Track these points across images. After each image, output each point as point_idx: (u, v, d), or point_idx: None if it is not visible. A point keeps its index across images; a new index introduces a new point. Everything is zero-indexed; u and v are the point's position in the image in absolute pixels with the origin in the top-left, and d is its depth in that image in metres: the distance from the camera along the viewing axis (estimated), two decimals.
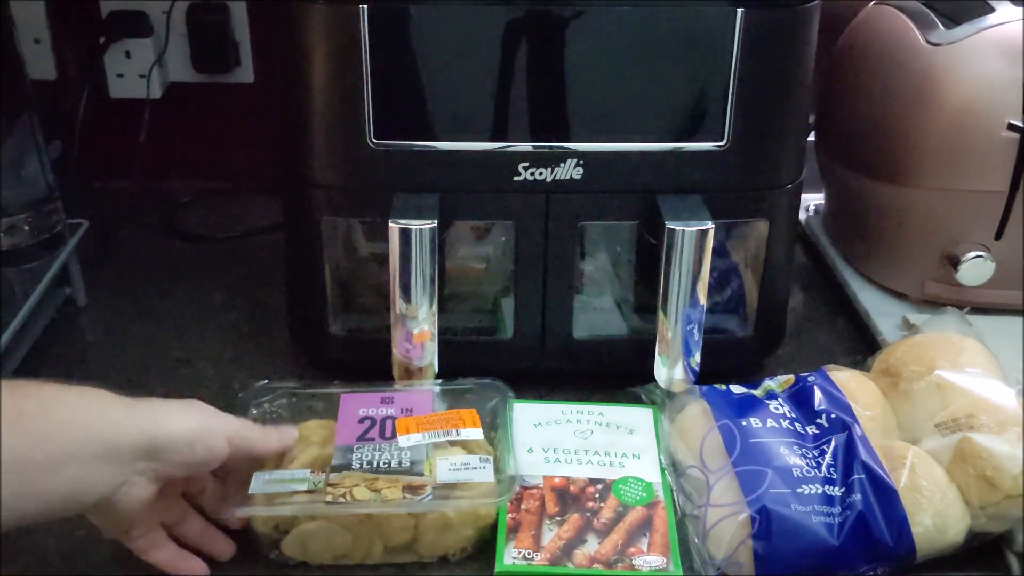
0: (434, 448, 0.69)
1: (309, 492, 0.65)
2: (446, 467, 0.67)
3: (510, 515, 0.69)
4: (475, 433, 0.70)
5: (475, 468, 0.68)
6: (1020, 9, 0.85)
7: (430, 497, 0.65)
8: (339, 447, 0.69)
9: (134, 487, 0.59)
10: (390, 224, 0.73)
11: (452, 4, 0.71)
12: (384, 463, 0.67)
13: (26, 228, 0.89)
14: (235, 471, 0.66)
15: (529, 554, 0.66)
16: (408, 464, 0.67)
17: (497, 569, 0.65)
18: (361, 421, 0.71)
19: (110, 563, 0.67)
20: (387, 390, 0.75)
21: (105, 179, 1.14)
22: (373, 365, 0.79)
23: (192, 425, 0.62)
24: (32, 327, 0.89)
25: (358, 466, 0.67)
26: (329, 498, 0.64)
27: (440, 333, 0.77)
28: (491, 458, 0.69)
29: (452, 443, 0.70)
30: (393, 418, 0.71)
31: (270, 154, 0.86)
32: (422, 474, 0.66)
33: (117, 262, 1.04)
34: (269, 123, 1.15)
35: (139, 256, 1.06)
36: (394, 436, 0.69)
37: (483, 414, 0.73)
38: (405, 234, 0.73)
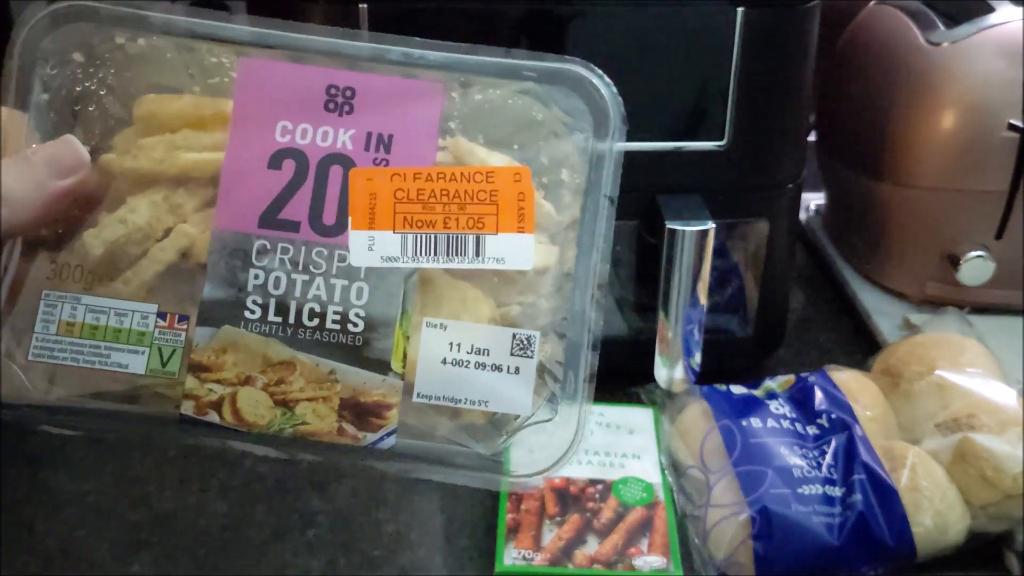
0: (421, 287, 0.33)
1: (146, 384, 0.33)
2: (437, 357, 0.33)
3: (510, 515, 0.68)
4: (521, 250, 0.33)
5: (500, 369, 0.33)
6: (1020, 9, 0.85)
7: (392, 441, 0.33)
8: (221, 241, 0.32)
9: None
10: None
11: (452, 3, 0.71)
12: (310, 318, 0.32)
13: None
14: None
15: (529, 554, 0.66)
16: (359, 328, 0.33)
17: (497, 569, 0.65)
18: (276, 161, 0.33)
19: (111, 563, 0.67)
20: (339, 68, 0.36)
21: None
22: None
23: None
24: None
25: (257, 313, 0.32)
26: (188, 408, 0.32)
27: None
28: (537, 339, 0.35)
29: (466, 270, 0.34)
30: (349, 160, 0.33)
31: None
32: (384, 370, 0.33)
33: None
34: None
35: None
36: (342, 228, 0.33)
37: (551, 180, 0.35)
38: None
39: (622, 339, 0.86)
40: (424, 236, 0.32)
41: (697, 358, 0.78)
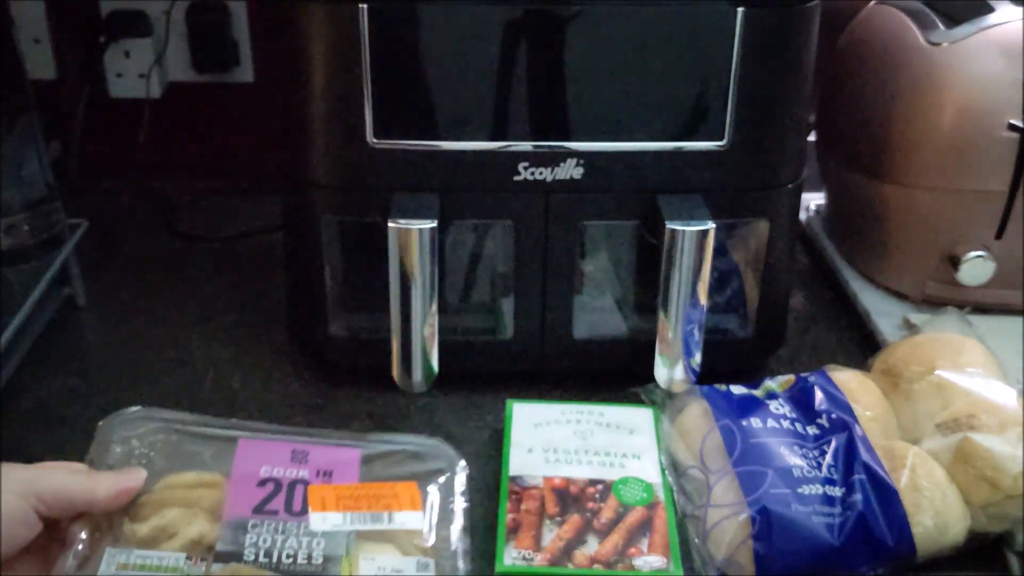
0: (357, 539, 0.53)
1: None
2: (371, 570, 0.52)
3: (510, 515, 0.68)
4: (413, 519, 0.55)
5: None
6: (1020, 9, 0.85)
7: None
8: (229, 522, 0.53)
9: None
10: (390, 224, 0.73)
11: (452, 4, 0.71)
12: (288, 555, 0.51)
13: (26, 228, 0.89)
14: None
15: (529, 554, 0.66)
16: (320, 560, 0.51)
17: (497, 569, 0.65)
18: (262, 484, 0.55)
19: None
20: (301, 439, 0.59)
21: (105, 179, 1.14)
22: (373, 366, 0.79)
23: None
24: (32, 327, 0.89)
25: (252, 556, 0.51)
26: None
27: (440, 333, 0.77)
28: (432, 564, 0.54)
29: (380, 533, 0.55)
30: (306, 483, 0.55)
31: (270, 154, 0.86)
32: None
33: (117, 262, 1.04)
34: (269, 123, 1.15)
35: (139, 256, 1.06)
36: (305, 512, 0.54)
37: (425, 490, 0.58)
38: (405, 234, 0.73)
39: (622, 339, 0.86)
40: (357, 514, 0.55)
41: (697, 358, 0.78)
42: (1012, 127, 0.82)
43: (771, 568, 0.64)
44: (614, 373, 0.83)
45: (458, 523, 0.57)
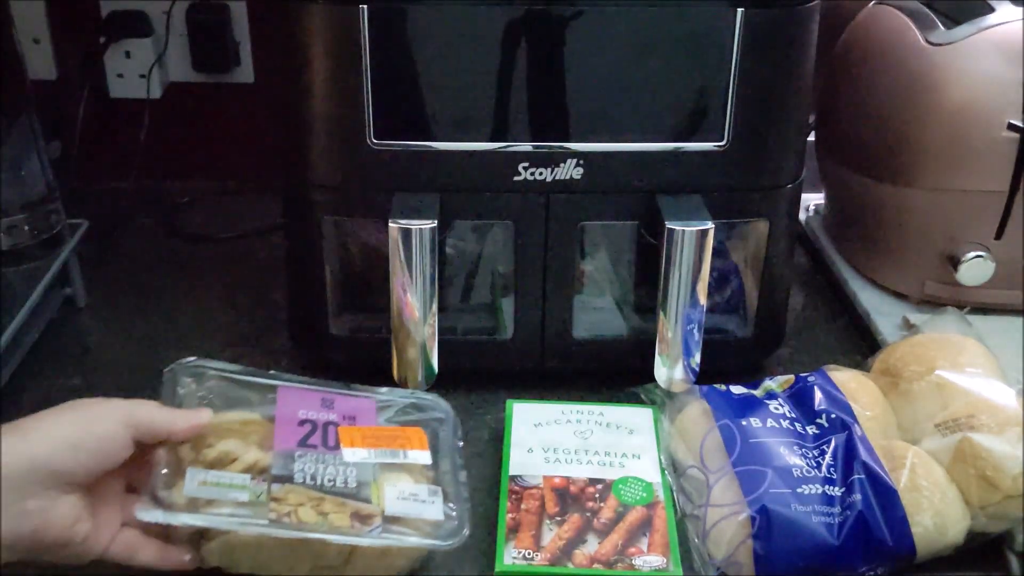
0: (381, 469, 0.65)
1: (250, 504, 0.61)
2: (395, 496, 0.63)
3: (510, 515, 0.69)
4: (423, 456, 0.66)
5: (423, 501, 0.64)
6: (1020, 9, 0.85)
7: (379, 530, 0.61)
8: (280, 452, 0.63)
9: (52, 510, 0.57)
10: (390, 224, 0.73)
11: (452, 4, 0.71)
12: (329, 480, 0.63)
13: (26, 228, 0.90)
14: (158, 458, 0.62)
15: (529, 554, 0.66)
16: (355, 486, 0.63)
17: (497, 569, 0.65)
18: (301, 424, 0.66)
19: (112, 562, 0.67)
20: (327, 389, 0.70)
21: (105, 179, 1.14)
22: (373, 365, 0.79)
23: (64, 432, 0.58)
24: (32, 327, 0.89)
25: (301, 479, 0.62)
26: (273, 515, 0.60)
27: (440, 333, 0.77)
28: (440, 490, 0.65)
29: (398, 466, 0.66)
30: (336, 425, 0.66)
31: (270, 154, 0.86)
32: (370, 500, 0.63)
33: (117, 262, 1.05)
34: (269, 123, 1.15)
35: (139, 256, 1.06)
36: (338, 447, 0.65)
37: (429, 434, 0.69)
38: (405, 234, 0.73)
39: (622, 339, 0.86)
40: (379, 451, 0.65)
41: (697, 358, 0.78)
42: (1012, 127, 0.82)
43: (770, 567, 0.64)
44: (614, 373, 0.83)
45: (456, 459, 0.68)
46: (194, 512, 0.60)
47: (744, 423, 0.71)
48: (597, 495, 0.70)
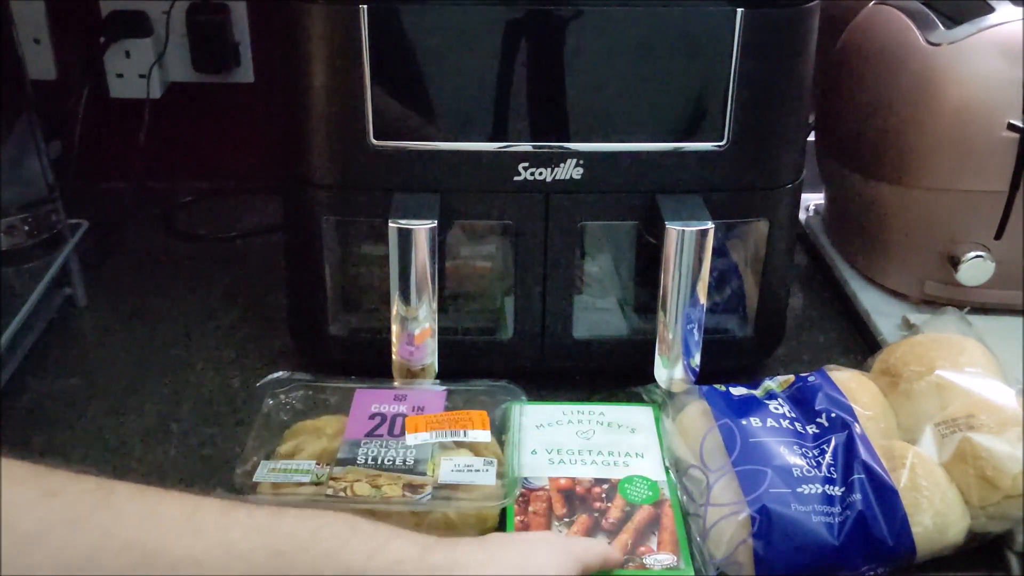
0: (440, 448, 0.70)
1: (313, 484, 0.67)
2: (449, 467, 0.68)
3: (518, 518, 0.68)
4: (483, 435, 0.71)
5: (478, 470, 0.68)
6: (1020, 9, 0.85)
7: (429, 496, 0.66)
8: (347, 441, 0.70)
9: None
10: (390, 224, 0.73)
11: (452, 4, 0.71)
12: (388, 460, 0.68)
13: (26, 228, 0.90)
14: None
15: None
16: (412, 463, 0.68)
17: None
18: (372, 417, 0.72)
19: None
20: (401, 388, 0.76)
21: (105, 179, 1.14)
22: (373, 365, 0.79)
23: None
24: (32, 327, 0.89)
25: (363, 461, 0.68)
26: (329, 491, 0.66)
27: (440, 333, 0.77)
28: (495, 460, 0.69)
29: (459, 444, 0.71)
30: (404, 416, 0.72)
31: (270, 154, 0.86)
32: (424, 473, 0.67)
33: (117, 262, 1.04)
34: (269, 123, 1.15)
35: (139, 256, 1.06)
36: (402, 434, 0.70)
37: (493, 417, 0.73)
38: (405, 234, 0.73)
39: (622, 339, 0.86)
40: (440, 432, 0.71)
41: (697, 358, 0.78)
42: (1012, 127, 0.82)
43: (770, 567, 0.64)
44: (614, 373, 0.83)
45: (516, 437, 0.73)
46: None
47: (744, 423, 0.71)
48: (603, 495, 0.70)
